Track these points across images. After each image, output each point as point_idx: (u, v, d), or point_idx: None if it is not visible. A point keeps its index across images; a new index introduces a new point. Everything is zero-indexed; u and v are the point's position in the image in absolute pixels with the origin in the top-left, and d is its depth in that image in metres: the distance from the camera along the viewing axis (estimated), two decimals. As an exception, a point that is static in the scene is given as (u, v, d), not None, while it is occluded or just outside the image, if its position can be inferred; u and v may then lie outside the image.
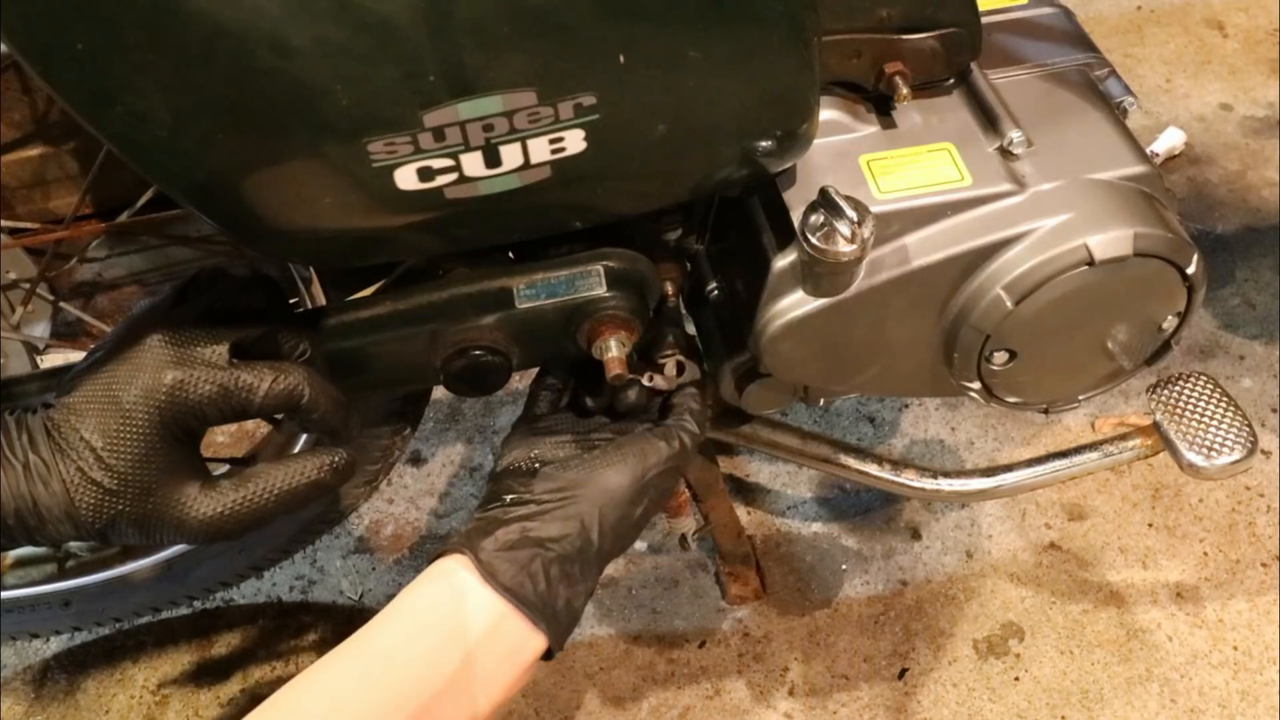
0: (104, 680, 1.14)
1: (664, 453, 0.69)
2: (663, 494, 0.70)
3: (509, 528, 0.64)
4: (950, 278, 0.72)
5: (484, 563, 0.62)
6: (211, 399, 0.61)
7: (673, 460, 0.69)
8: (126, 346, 0.62)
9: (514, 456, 0.72)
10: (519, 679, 0.63)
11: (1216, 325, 1.40)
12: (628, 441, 0.69)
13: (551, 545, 0.64)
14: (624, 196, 0.67)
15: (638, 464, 0.67)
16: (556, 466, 0.69)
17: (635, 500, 0.67)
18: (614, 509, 0.66)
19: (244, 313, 0.65)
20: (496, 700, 0.62)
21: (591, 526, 0.65)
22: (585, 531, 0.65)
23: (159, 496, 0.60)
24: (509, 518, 0.65)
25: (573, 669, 1.13)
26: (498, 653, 0.62)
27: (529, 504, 0.66)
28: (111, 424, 0.59)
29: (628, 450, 0.68)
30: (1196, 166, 1.59)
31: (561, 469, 0.68)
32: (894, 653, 1.13)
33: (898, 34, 0.70)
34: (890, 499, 1.25)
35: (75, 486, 0.58)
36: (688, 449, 0.70)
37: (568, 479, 0.67)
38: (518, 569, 0.62)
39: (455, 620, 0.61)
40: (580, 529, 0.65)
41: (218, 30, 0.50)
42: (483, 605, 0.62)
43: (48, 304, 1.27)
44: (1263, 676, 1.09)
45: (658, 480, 0.68)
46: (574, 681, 1.12)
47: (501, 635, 0.62)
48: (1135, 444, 0.92)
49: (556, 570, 0.63)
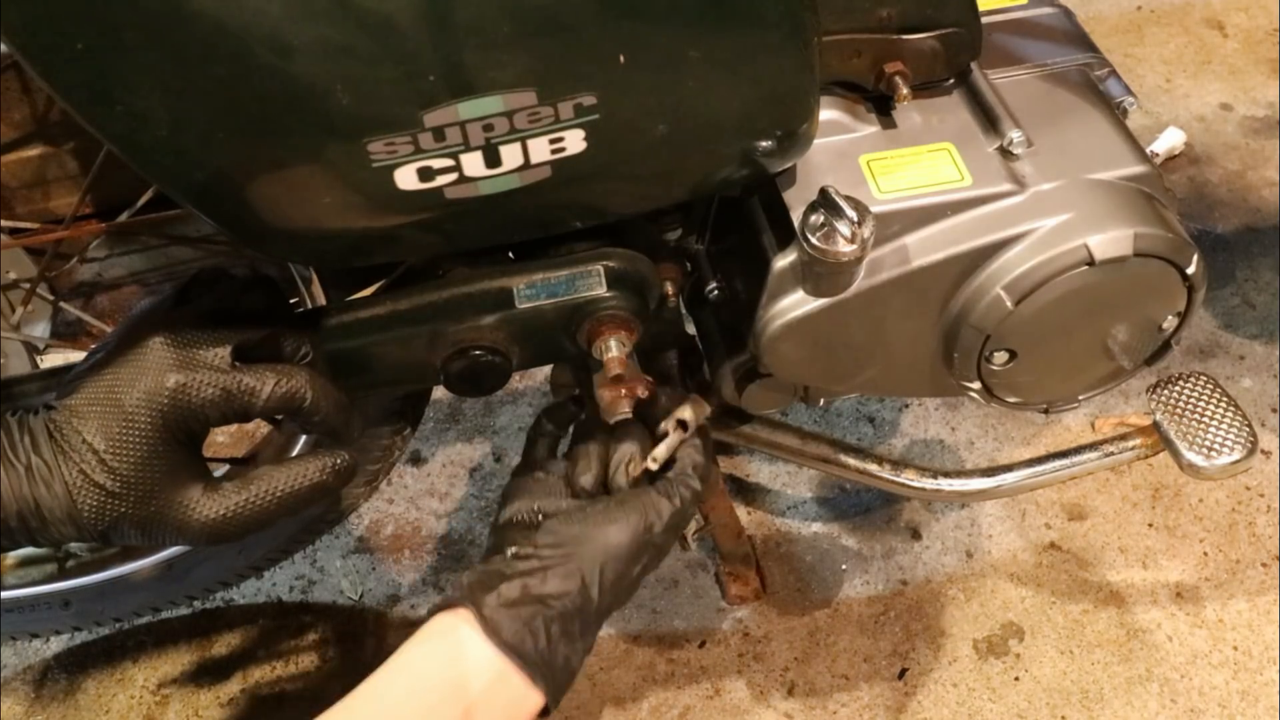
0: (104, 680, 1.14)
1: (665, 511, 0.68)
2: (662, 551, 0.70)
3: (511, 583, 0.64)
4: (950, 278, 0.72)
5: (487, 619, 0.62)
6: (214, 402, 0.61)
7: (674, 519, 0.69)
8: (128, 348, 0.61)
9: (515, 508, 0.71)
10: None
11: (1216, 325, 1.40)
12: (630, 497, 0.69)
13: (552, 602, 0.64)
14: (624, 196, 0.67)
15: (639, 521, 0.67)
16: (558, 520, 0.68)
17: (635, 558, 0.67)
18: (614, 566, 0.66)
19: (245, 314, 0.65)
20: None
21: (592, 584, 0.65)
22: (585, 589, 0.65)
23: (161, 499, 0.60)
24: (511, 573, 0.65)
25: (573, 669, 1.13)
26: (496, 709, 0.62)
27: (531, 559, 0.65)
28: (114, 426, 0.59)
29: (630, 507, 0.68)
30: (1196, 166, 1.59)
31: (563, 523, 0.68)
32: (894, 653, 1.13)
33: (898, 34, 0.70)
34: (890, 499, 1.25)
35: (77, 489, 0.58)
36: (689, 506, 0.70)
37: (569, 534, 0.67)
38: (520, 625, 0.62)
39: (456, 677, 0.61)
40: (580, 586, 0.65)
41: (218, 30, 0.50)
42: (483, 662, 0.62)
43: (48, 304, 1.27)
44: (1263, 676, 1.09)
45: (659, 538, 0.68)
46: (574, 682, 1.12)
47: (501, 692, 0.62)
48: (1135, 444, 0.92)
49: (557, 628, 0.64)
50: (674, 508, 0.68)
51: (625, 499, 0.69)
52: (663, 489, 0.69)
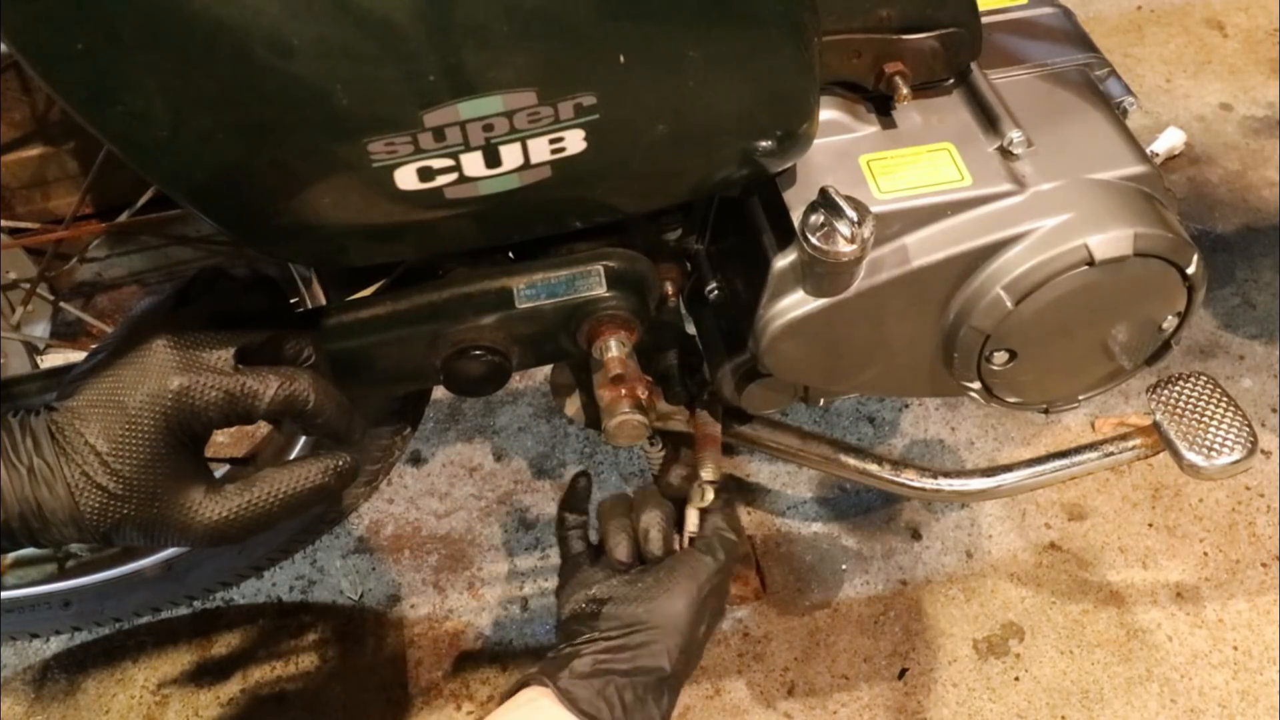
0: (104, 680, 1.14)
1: (711, 567, 0.74)
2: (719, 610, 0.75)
3: (583, 659, 0.69)
4: (950, 278, 0.72)
5: (562, 690, 0.66)
6: (217, 404, 0.61)
7: (720, 573, 0.74)
8: (130, 349, 0.61)
9: (574, 604, 0.75)
10: None
11: (1216, 325, 1.40)
12: (676, 563, 0.74)
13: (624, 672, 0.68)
14: (624, 196, 0.67)
15: (691, 584, 0.72)
16: (614, 604, 0.73)
17: (697, 620, 0.72)
18: (679, 633, 0.71)
19: (247, 315, 0.65)
20: None
21: (660, 654, 0.70)
22: (655, 659, 0.69)
23: (164, 501, 0.60)
24: (583, 654, 0.69)
25: (573, 669, 1.13)
26: None
27: (599, 641, 0.70)
28: (116, 428, 0.59)
29: (679, 573, 0.73)
30: (1196, 166, 1.59)
31: (620, 605, 0.73)
32: (894, 653, 1.13)
33: (898, 34, 0.70)
34: (890, 499, 1.25)
35: (80, 490, 0.58)
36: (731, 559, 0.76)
37: (631, 614, 0.71)
38: (594, 694, 0.67)
39: None
40: (651, 657, 0.69)
41: (218, 30, 0.50)
42: None
43: (48, 304, 1.27)
44: (1263, 676, 1.09)
45: (712, 597, 0.73)
46: None
47: None
48: (1135, 444, 0.92)
49: (630, 695, 0.68)
50: (718, 564, 0.74)
51: (673, 566, 0.74)
52: (703, 545, 0.75)
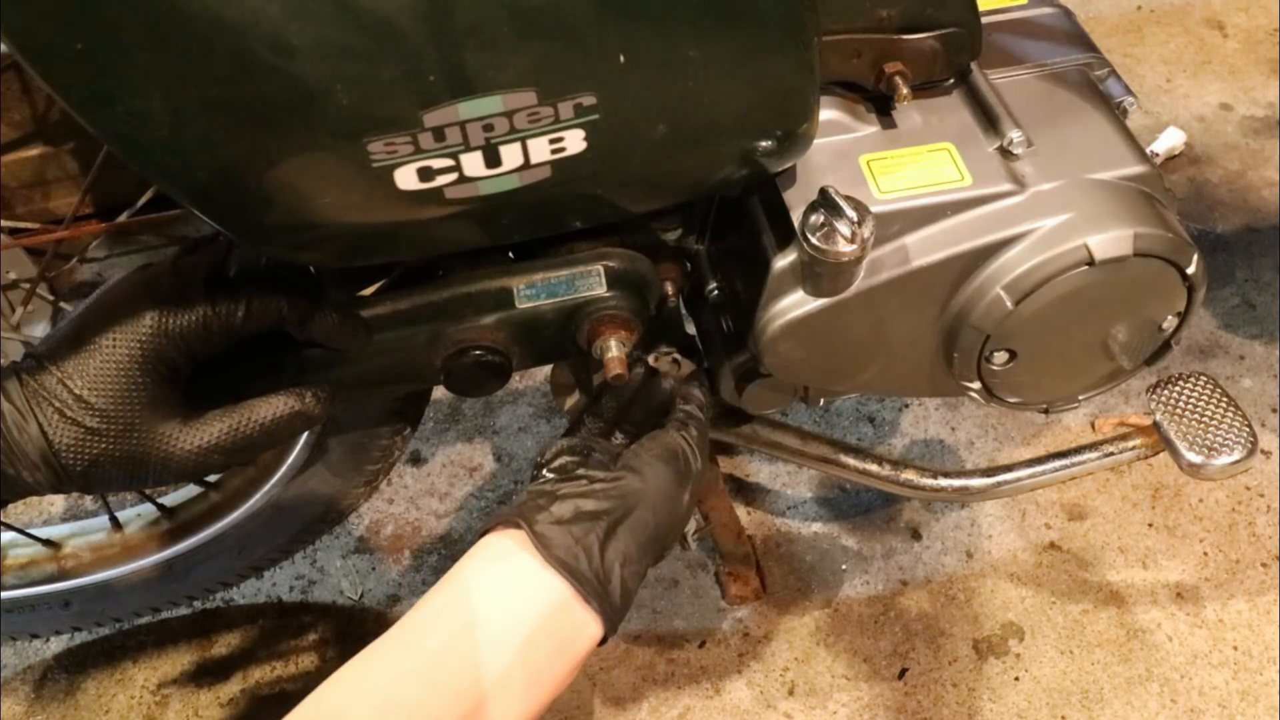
0: (104, 680, 1.14)
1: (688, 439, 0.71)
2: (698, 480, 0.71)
3: (563, 503, 0.64)
4: (950, 278, 0.72)
5: (539, 534, 0.62)
6: (193, 328, 0.61)
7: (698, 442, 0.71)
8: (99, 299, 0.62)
9: (561, 445, 0.72)
10: (573, 672, 0.62)
11: (1216, 325, 1.40)
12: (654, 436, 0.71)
13: (604, 518, 0.63)
14: (624, 196, 0.67)
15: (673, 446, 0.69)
16: (600, 452, 0.71)
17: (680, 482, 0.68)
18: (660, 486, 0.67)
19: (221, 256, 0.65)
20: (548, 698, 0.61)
21: (643, 502, 0.65)
22: (638, 506, 0.65)
23: (142, 432, 0.60)
24: (562, 494, 0.64)
25: (573, 669, 1.13)
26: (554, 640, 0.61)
27: (580, 480, 0.66)
28: (91, 363, 0.59)
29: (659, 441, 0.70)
30: (1196, 166, 1.59)
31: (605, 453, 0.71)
32: (894, 653, 1.13)
33: (898, 34, 0.70)
34: (890, 499, 1.25)
35: (53, 428, 0.58)
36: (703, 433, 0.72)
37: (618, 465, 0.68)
38: (571, 542, 0.62)
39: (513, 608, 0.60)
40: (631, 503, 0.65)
41: (218, 30, 0.50)
42: (541, 590, 0.61)
43: (48, 304, 1.27)
44: (1263, 676, 1.09)
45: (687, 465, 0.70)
46: (574, 681, 1.12)
47: (559, 621, 0.61)
48: (1135, 444, 0.92)
49: (612, 548, 0.63)
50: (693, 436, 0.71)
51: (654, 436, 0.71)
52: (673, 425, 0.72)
